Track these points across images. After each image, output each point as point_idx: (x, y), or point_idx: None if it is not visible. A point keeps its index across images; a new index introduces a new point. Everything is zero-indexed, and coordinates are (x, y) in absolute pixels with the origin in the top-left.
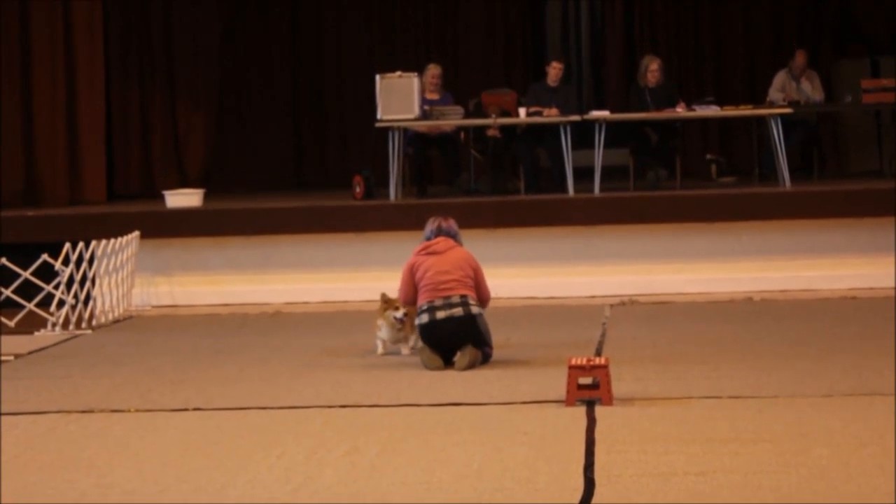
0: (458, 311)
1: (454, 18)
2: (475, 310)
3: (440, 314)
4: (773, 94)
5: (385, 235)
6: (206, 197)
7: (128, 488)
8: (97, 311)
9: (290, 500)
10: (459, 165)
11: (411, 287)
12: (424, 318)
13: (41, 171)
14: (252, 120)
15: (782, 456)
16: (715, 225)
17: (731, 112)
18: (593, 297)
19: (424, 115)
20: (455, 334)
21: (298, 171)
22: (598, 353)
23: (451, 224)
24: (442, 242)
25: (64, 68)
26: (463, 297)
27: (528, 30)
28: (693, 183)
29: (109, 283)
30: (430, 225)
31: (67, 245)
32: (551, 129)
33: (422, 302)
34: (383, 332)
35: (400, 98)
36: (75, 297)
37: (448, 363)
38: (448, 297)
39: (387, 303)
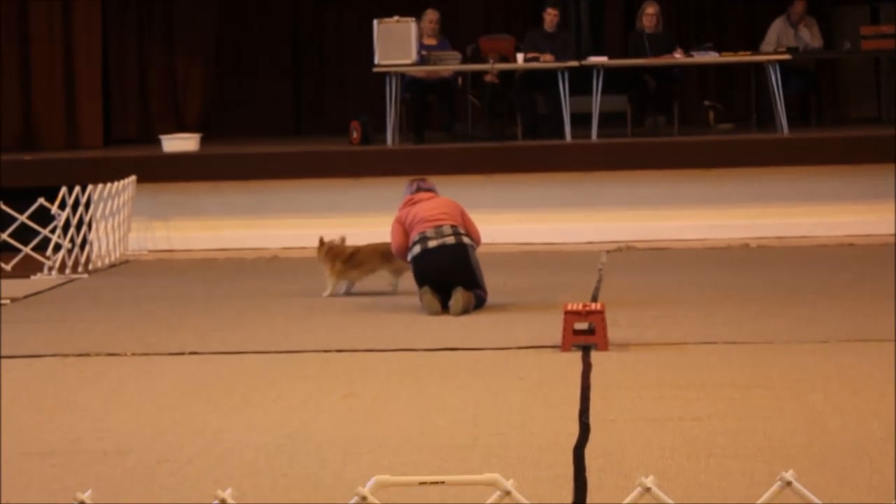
0: (451, 239)
1: None
2: (466, 240)
3: (432, 243)
4: (766, 47)
5: (382, 181)
6: (203, 142)
7: (124, 432)
8: (94, 256)
9: (286, 444)
10: (457, 111)
11: (403, 235)
12: (417, 249)
13: (39, 115)
14: (250, 65)
15: (777, 401)
16: (712, 171)
17: (729, 58)
18: (590, 242)
19: (422, 61)
20: (448, 265)
21: (296, 116)
22: (595, 299)
23: (430, 183)
24: (424, 194)
25: (61, 13)
26: (454, 226)
27: None
28: (691, 129)
29: (106, 228)
30: (409, 186)
31: (64, 189)
32: (549, 75)
33: (414, 235)
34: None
35: (397, 43)
36: (72, 241)
37: (445, 307)
38: (439, 227)
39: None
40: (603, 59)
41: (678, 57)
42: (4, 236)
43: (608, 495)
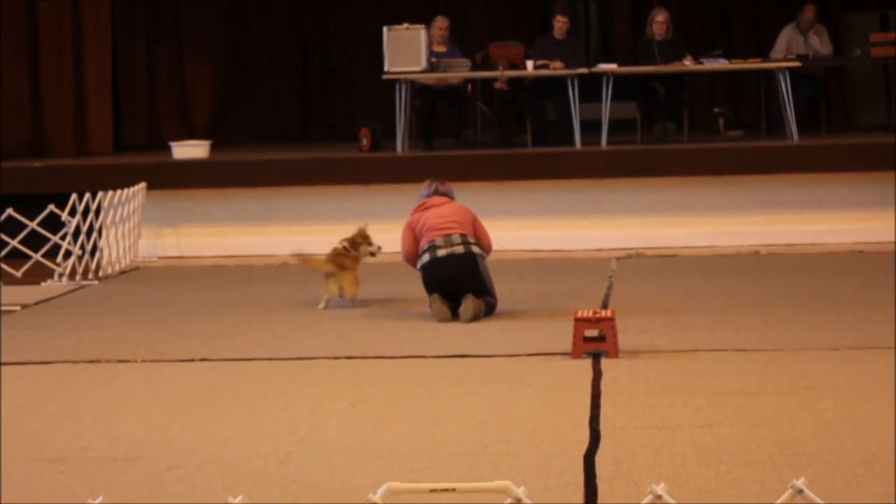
0: (460, 248)
1: None
2: (476, 249)
3: (441, 252)
4: (776, 54)
5: (391, 188)
6: (213, 148)
7: (133, 438)
8: (104, 262)
9: (295, 451)
10: (466, 118)
11: (413, 242)
12: (426, 257)
13: (48, 121)
14: (258, 71)
15: (787, 409)
16: (722, 178)
17: (738, 65)
18: (600, 249)
19: (431, 68)
20: (456, 274)
21: (305, 122)
22: (605, 306)
23: (448, 187)
24: (438, 199)
25: (70, 18)
26: (463, 235)
27: None
28: (700, 136)
29: (116, 234)
30: (427, 188)
31: (74, 196)
32: (558, 82)
33: (423, 243)
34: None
35: (407, 50)
36: (82, 247)
37: (455, 314)
38: (448, 236)
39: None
40: (612, 66)
41: (688, 64)
42: (15, 243)
43: (619, 502)
